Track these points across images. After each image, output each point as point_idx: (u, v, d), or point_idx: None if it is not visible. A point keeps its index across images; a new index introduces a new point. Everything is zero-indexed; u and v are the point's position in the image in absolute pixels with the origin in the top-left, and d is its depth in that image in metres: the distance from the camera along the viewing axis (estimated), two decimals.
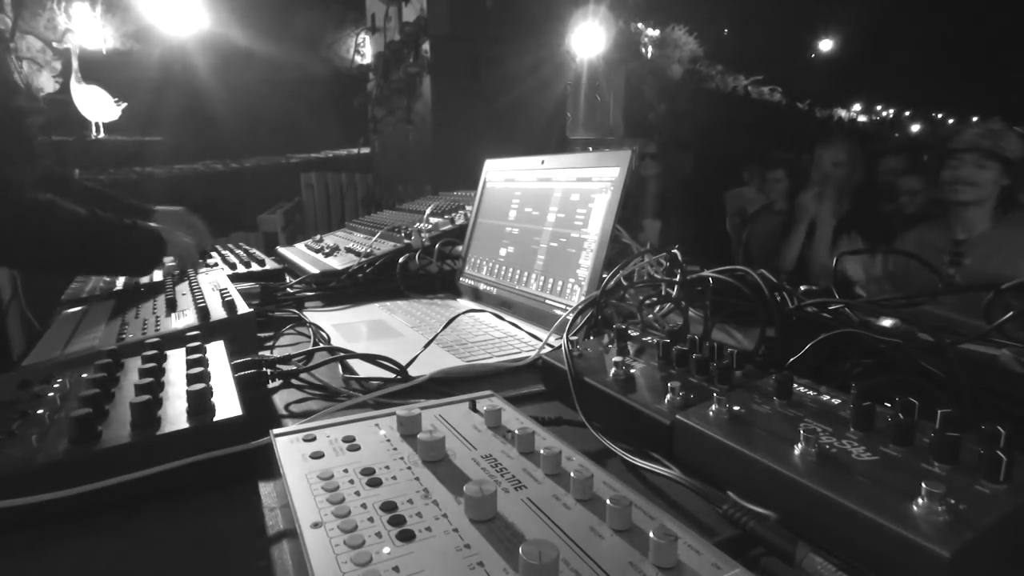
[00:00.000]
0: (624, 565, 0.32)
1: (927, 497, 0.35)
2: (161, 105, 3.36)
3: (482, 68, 2.76)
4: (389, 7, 3.06)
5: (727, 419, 0.47)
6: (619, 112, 4.06)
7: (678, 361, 0.59)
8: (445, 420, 0.51)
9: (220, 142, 3.76)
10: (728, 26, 5.69)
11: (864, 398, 0.45)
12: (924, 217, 2.10)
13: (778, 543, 0.36)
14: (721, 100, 5.35)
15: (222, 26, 3.39)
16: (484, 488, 0.37)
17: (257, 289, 1.11)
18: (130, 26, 3.28)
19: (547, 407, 0.64)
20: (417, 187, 2.84)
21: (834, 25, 6.98)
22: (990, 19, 5.91)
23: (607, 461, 0.50)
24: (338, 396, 0.68)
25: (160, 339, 0.65)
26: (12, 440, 0.47)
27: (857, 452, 0.41)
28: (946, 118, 8.61)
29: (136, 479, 0.44)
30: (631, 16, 4.28)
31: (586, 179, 0.94)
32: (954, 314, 0.70)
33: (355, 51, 3.89)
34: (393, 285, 1.19)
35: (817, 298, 0.69)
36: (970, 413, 0.49)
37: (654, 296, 0.81)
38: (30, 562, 0.40)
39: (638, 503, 0.38)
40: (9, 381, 0.59)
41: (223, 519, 0.45)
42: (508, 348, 0.83)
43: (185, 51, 3.34)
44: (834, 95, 7.49)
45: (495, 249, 1.11)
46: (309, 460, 0.44)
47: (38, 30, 2.91)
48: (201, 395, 0.50)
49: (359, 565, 0.32)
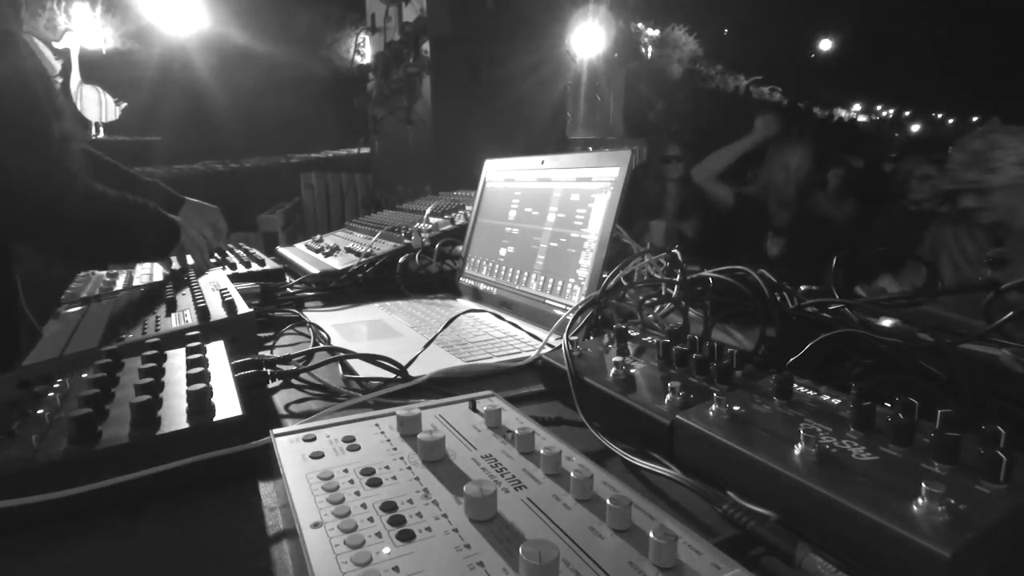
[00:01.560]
0: (624, 565, 0.32)
1: (927, 497, 0.35)
2: (161, 105, 3.36)
3: (482, 68, 2.77)
4: (389, 7, 3.06)
5: (727, 419, 0.47)
6: (619, 112, 4.06)
7: (678, 361, 0.59)
8: (445, 420, 0.51)
9: (220, 142, 3.77)
10: (728, 26, 5.70)
11: (864, 398, 0.45)
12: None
13: (778, 543, 0.36)
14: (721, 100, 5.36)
15: (222, 26, 3.39)
16: (484, 488, 0.37)
17: (257, 289, 1.11)
18: (130, 26, 3.29)
19: (547, 407, 0.64)
20: (417, 187, 2.84)
21: (834, 25, 6.98)
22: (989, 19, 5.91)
23: (607, 461, 0.50)
24: (338, 396, 0.68)
25: (160, 339, 0.66)
26: (12, 440, 0.47)
27: (857, 452, 0.41)
28: (946, 118, 8.62)
29: (136, 479, 0.44)
30: (631, 16, 4.29)
31: (586, 179, 0.94)
32: (954, 314, 0.70)
33: (355, 51, 3.89)
34: (393, 285, 1.19)
35: (817, 298, 0.69)
36: (970, 413, 0.49)
37: (654, 296, 0.81)
38: (30, 562, 0.40)
39: (638, 503, 0.38)
40: (9, 381, 0.59)
41: (223, 519, 0.45)
42: (508, 348, 0.83)
43: (185, 51, 3.34)
44: (834, 95, 7.50)
45: (495, 249, 1.11)
46: (309, 460, 0.44)
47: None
48: (201, 395, 0.50)
49: (359, 565, 0.32)
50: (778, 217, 2.54)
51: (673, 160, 2.87)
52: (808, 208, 2.56)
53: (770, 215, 2.56)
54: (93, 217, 0.95)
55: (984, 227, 1.77)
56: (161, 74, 3.40)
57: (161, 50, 3.34)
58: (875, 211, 2.71)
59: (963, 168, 1.76)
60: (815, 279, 0.77)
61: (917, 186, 2.45)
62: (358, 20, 3.71)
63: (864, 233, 2.59)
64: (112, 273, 1.29)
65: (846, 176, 3.15)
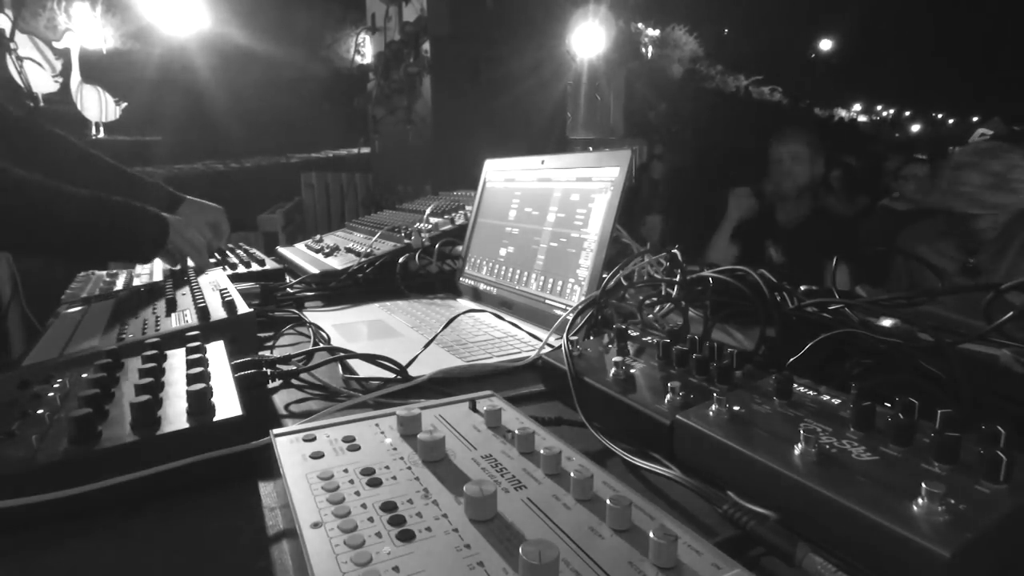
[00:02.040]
0: (624, 565, 0.32)
1: (927, 497, 0.35)
2: (161, 105, 3.36)
3: (482, 68, 2.77)
4: (389, 7, 3.06)
5: (727, 419, 0.47)
6: (619, 112, 4.06)
7: (678, 361, 0.59)
8: (445, 420, 0.51)
9: (220, 142, 3.76)
10: (728, 26, 5.70)
11: (864, 398, 0.45)
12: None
13: (778, 543, 0.36)
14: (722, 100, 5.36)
15: (222, 26, 3.39)
16: (484, 488, 0.37)
17: (257, 289, 1.11)
18: (130, 26, 3.29)
19: (547, 407, 0.64)
20: (417, 187, 2.84)
21: (834, 25, 6.98)
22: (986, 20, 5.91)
23: (607, 461, 0.50)
24: (338, 396, 0.68)
25: (160, 339, 0.65)
26: (12, 440, 0.47)
27: (857, 452, 0.41)
28: (946, 118, 8.62)
29: (136, 479, 0.44)
30: (631, 16, 4.29)
31: (586, 179, 0.94)
32: (954, 314, 0.70)
33: (355, 51, 3.89)
34: (393, 285, 1.19)
35: (817, 298, 0.69)
36: (970, 413, 0.49)
37: (654, 296, 0.81)
38: (30, 562, 0.40)
39: (638, 503, 0.38)
40: (9, 381, 0.59)
41: (223, 519, 0.45)
42: (508, 348, 0.83)
43: (185, 51, 3.34)
44: (834, 94, 7.50)
45: (495, 249, 1.11)
46: (309, 460, 0.44)
47: (38, 30, 2.91)
48: (201, 395, 0.50)
49: (359, 565, 0.32)
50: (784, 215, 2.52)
51: (655, 159, 2.88)
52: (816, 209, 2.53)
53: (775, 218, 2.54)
54: (8, 204, 0.90)
55: (963, 235, 1.75)
56: (161, 74, 3.40)
57: (161, 50, 3.34)
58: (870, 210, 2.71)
59: (988, 191, 1.68)
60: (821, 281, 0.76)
61: (903, 185, 2.43)
62: (358, 20, 3.71)
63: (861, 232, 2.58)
64: (112, 273, 1.29)
65: (845, 176, 3.15)
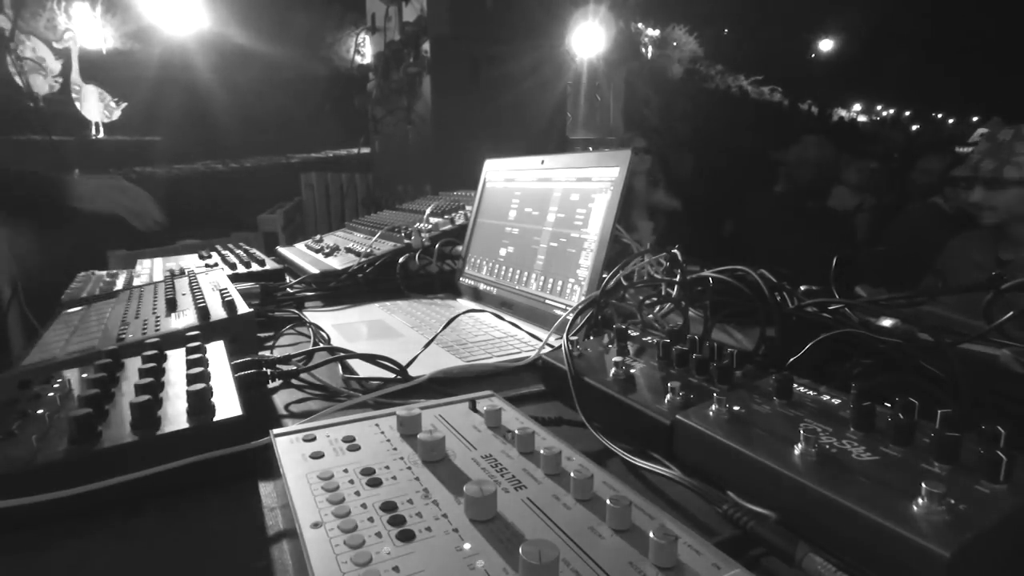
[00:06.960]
0: (624, 565, 0.32)
1: (927, 497, 0.35)
2: (161, 105, 3.36)
3: (482, 68, 2.76)
4: (389, 7, 3.06)
5: (727, 419, 0.47)
6: (619, 112, 4.06)
7: (678, 361, 0.59)
8: (445, 420, 0.51)
9: (220, 142, 3.76)
10: (728, 26, 5.70)
11: (864, 398, 0.45)
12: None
13: (778, 543, 0.36)
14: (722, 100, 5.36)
15: (222, 26, 3.38)
16: (484, 488, 0.37)
17: (257, 289, 1.11)
18: (130, 26, 3.28)
19: (547, 407, 0.64)
20: (417, 187, 2.84)
21: (834, 25, 6.98)
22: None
23: (607, 461, 0.50)
24: (338, 396, 0.68)
25: (160, 339, 0.66)
26: (12, 440, 0.47)
27: (857, 452, 0.41)
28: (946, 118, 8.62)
29: (136, 479, 0.44)
30: (631, 16, 4.28)
31: (586, 179, 0.94)
32: (954, 314, 0.70)
33: (355, 51, 3.89)
34: (393, 285, 1.19)
35: (817, 298, 0.69)
36: (970, 413, 0.49)
37: (654, 296, 0.81)
38: (30, 562, 0.40)
39: (638, 503, 0.38)
40: (9, 381, 0.59)
41: (223, 519, 0.45)
42: (508, 348, 0.83)
43: (185, 51, 3.33)
44: (834, 94, 7.50)
45: (495, 249, 1.11)
46: (309, 460, 0.44)
47: (38, 30, 2.91)
48: (201, 395, 0.50)
49: (359, 565, 0.32)
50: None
51: (641, 152, 2.87)
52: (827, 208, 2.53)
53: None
54: None
55: (987, 235, 1.72)
56: (161, 74, 3.39)
57: (161, 50, 3.34)
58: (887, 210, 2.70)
59: (981, 155, 1.67)
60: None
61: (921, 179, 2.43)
62: (358, 20, 3.70)
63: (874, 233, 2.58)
64: (112, 273, 1.29)
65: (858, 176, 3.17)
